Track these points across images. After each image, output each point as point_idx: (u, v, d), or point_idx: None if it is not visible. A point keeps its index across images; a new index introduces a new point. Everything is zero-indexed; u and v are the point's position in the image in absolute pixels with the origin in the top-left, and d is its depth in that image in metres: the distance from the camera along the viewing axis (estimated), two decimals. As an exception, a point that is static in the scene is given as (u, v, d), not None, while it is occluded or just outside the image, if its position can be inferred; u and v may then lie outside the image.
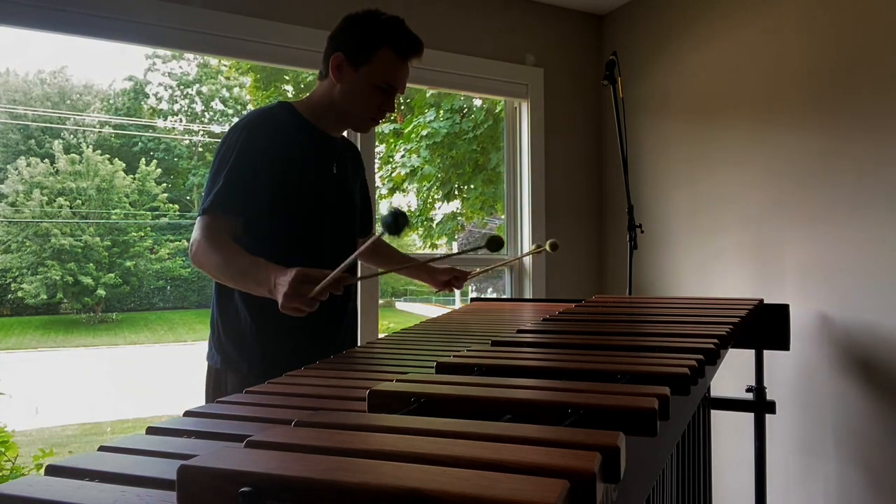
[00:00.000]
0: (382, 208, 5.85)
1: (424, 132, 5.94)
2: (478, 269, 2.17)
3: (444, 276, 1.92)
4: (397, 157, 6.43)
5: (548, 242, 2.04)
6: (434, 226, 6.80)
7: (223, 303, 1.53)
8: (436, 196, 6.52)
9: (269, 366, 1.39)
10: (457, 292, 2.11)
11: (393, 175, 6.37)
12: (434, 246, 6.92)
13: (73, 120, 14.89)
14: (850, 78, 2.22)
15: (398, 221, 1.09)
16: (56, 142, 13.66)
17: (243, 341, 1.50)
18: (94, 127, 15.21)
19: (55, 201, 12.92)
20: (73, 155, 13.42)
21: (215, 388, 1.52)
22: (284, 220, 1.49)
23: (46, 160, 13.34)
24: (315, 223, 1.54)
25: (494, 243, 1.35)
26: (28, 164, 13.05)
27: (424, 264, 1.96)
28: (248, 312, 1.49)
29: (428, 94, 5.89)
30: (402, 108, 6.12)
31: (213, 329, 1.55)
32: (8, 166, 13.27)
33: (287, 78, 7.96)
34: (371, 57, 1.49)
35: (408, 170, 6.22)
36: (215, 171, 1.45)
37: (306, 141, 1.55)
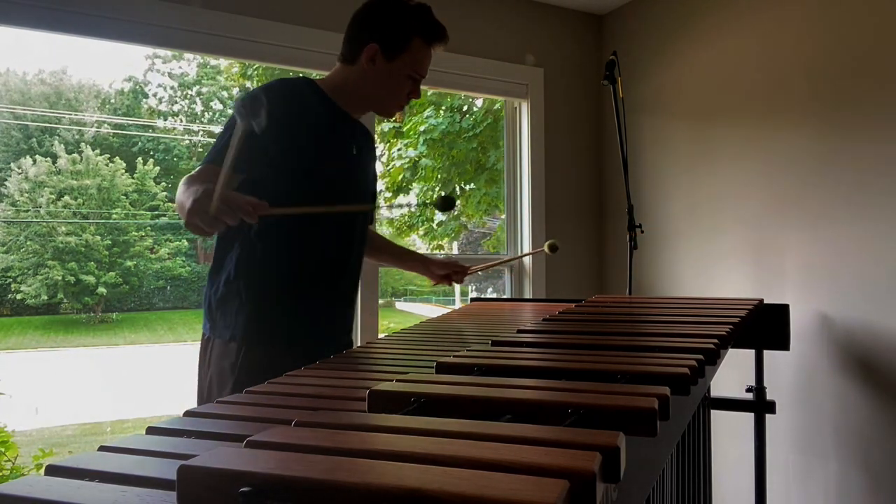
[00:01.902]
0: (383, 210, 5.84)
1: (422, 127, 5.96)
2: (478, 266, 2.16)
3: (442, 270, 1.91)
4: (394, 150, 6.43)
5: (546, 243, 2.04)
6: (435, 226, 6.79)
7: (215, 272, 1.51)
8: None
9: (253, 339, 1.41)
10: (457, 292, 2.10)
11: (390, 169, 6.35)
12: (439, 247, 6.93)
13: (72, 120, 14.89)
14: (849, 78, 2.22)
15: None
16: (57, 141, 13.67)
17: (230, 310, 1.47)
18: (94, 127, 15.22)
19: (60, 200, 12.94)
20: (75, 155, 13.44)
21: (202, 354, 1.52)
22: (298, 186, 1.44)
23: (48, 159, 13.34)
24: (331, 197, 1.49)
25: (445, 203, 1.34)
26: (34, 164, 13.06)
27: (422, 256, 1.97)
28: (240, 283, 1.46)
29: (429, 94, 5.89)
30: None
31: (205, 297, 1.55)
32: (11, 165, 13.27)
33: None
34: (405, 48, 1.50)
35: (404, 161, 6.21)
36: (221, 132, 1.45)
37: (327, 115, 1.52)
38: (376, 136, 3.09)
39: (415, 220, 6.70)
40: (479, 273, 2.19)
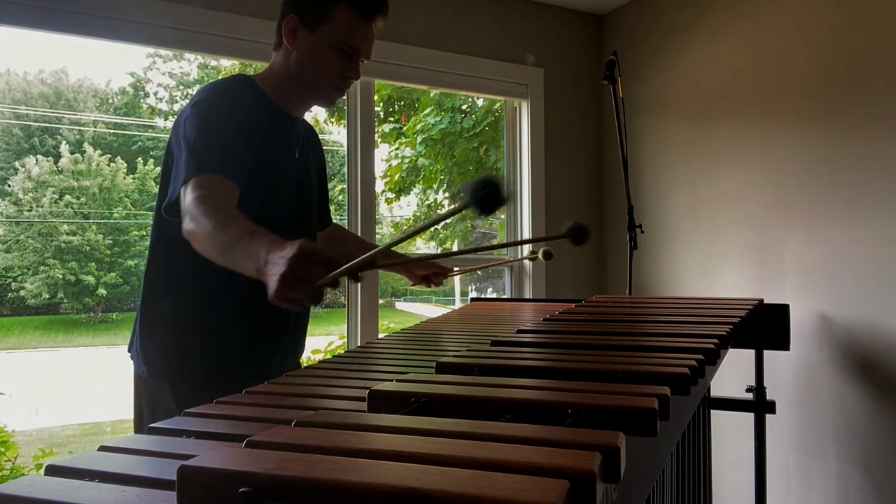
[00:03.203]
0: (382, 209, 5.84)
1: (419, 126, 5.96)
2: (457, 269, 2.04)
3: (422, 271, 1.78)
4: (391, 149, 6.43)
5: (541, 250, 2.00)
6: (441, 228, 6.78)
7: (151, 299, 1.36)
8: (444, 198, 6.51)
9: (191, 379, 1.27)
10: (457, 292, 2.08)
11: (389, 168, 6.33)
12: (445, 250, 6.92)
13: (72, 119, 14.89)
14: (850, 78, 2.22)
15: (489, 196, 0.68)
16: (64, 143, 13.67)
17: (166, 349, 1.34)
18: (94, 126, 15.22)
19: (62, 199, 12.94)
20: (77, 155, 13.45)
21: (142, 397, 1.37)
22: (248, 204, 1.21)
23: (49, 159, 13.35)
24: (275, 211, 1.35)
25: (578, 234, 1.00)
26: (37, 163, 13.07)
27: (403, 257, 1.82)
28: (178, 313, 1.33)
29: (432, 94, 5.90)
30: (405, 107, 6.13)
31: (136, 333, 1.40)
32: (15, 163, 13.27)
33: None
34: (327, 15, 1.33)
35: (400, 160, 6.20)
36: (193, 139, 1.21)
37: (268, 118, 1.37)
38: (377, 138, 3.09)
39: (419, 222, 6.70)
40: (459, 275, 2.09)
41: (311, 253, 0.88)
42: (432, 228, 6.75)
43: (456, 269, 1.99)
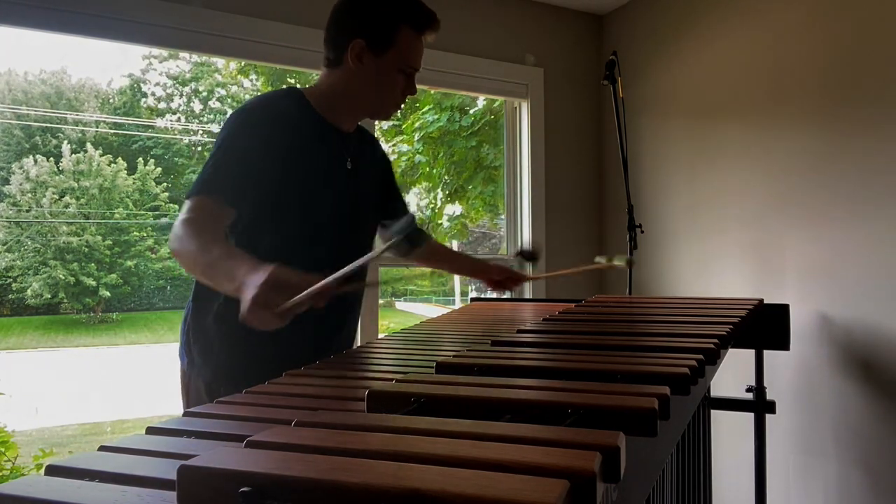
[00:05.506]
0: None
1: (417, 123, 5.96)
2: (539, 275, 2.03)
3: (498, 276, 1.85)
4: (388, 146, 6.43)
5: (624, 258, 1.93)
6: (442, 228, 6.78)
7: (200, 301, 1.39)
8: (445, 200, 6.51)
9: (232, 376, 1.28)
10: (457, 292, 2.09)
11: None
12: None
13: (72, 119, 14.90)
14: (850, 78, 2.22)
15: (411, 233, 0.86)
16: (66, 142, 13.68)
17: (211, 347, 1.37)
18: (96, 126, 15.22)
19: (61, 200, 12.95)
20: (79, 154, 13.46)
21: (184, 391, 1.42)
22: (286, 221, 1.32)
23: (51, 159, 13.36)
24: (321, 222, 1.38)
25: (528, 256, 1.13)
26: (35, 163, 13.07)
27: (482, 262, 1.92)
28: (220, 314, 1.34)
29: (431, 93, 5.89)
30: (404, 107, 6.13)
31: (184, 328, 1.44)
32: (12, 165, 13.28)
33: (292, 81, 7.96)
34: (393, 40, 1.36)
35: (396, 156, 6.20)
36: (210, 157, 1.29)
37: (313, 132, 1.39)
38: (377, 135, 3.09)
39: (424, 225, 6.69)
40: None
41: (278, 280, 0.96)
42: (431, 228, 6.74)
43: (533, 276, 2.01)
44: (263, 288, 0.96)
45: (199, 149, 15.60)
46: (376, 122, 2.89)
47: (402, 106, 1.49)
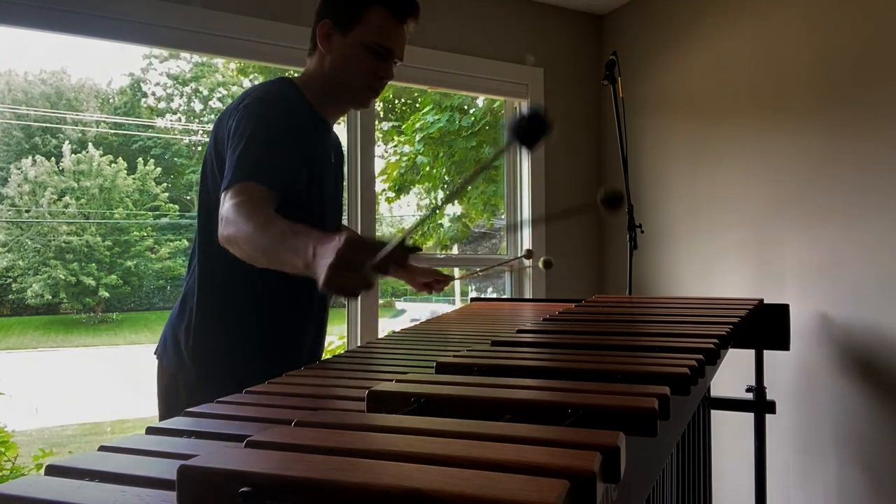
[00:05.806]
0: (382, 208, 5.83)
1: (417, 124, 5.96)
2: (458, 274, 2.06)
3: (425, 278, 1.84)
4: (389, 147, 6.43)
5: (541, 260, 1.99)
6: (443, 229, 6.77)
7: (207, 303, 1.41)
8: (444, 200, 6.51)
9: (225, 377, 1.30)
10: (457, 292, 2.09)
11: (388, 165, 6.33)
12: (446, 248, 6.91)
13: (72, 119, 14.90)
14: (850, 78, 2.22)
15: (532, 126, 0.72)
16: (67, 142, 13.68)
17: (213, 348, 1.40)
18: (97, 126, 15.22)
19: (61, 200, 12.94)
20: (80, 154, 13.45)
21: (163, 391, 1.45)
22: (289, 214, 1.25)
23: (52, 159, 13.35)
24: (318, 218, 1.40)
25: (612, 199, 0.99)
26: (34, 164, 13.06)
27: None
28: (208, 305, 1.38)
29: (432, 94, 5.90)
30: (405, 106, 6.14)
31: (179, 327, 1.46)
32: (10, 166, 13.27)
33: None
34: (360, 17, 1.35)
35: (397, 157, 6.20)
36: (240, 145, 1.23)
37: (313, 125, 1.40)
38: (377, 135, 3.09)
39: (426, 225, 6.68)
40: (461, 279, 2.12)
41: (358, 242, 0.91)
42: (429, 227, 6.73)
43: (457, 274, 2.01)
44: (345, 251, 0.90)
45: (199, 149, 15.60)
46: (376, 123, 2.89)
47: (380, 91, 1.45)
